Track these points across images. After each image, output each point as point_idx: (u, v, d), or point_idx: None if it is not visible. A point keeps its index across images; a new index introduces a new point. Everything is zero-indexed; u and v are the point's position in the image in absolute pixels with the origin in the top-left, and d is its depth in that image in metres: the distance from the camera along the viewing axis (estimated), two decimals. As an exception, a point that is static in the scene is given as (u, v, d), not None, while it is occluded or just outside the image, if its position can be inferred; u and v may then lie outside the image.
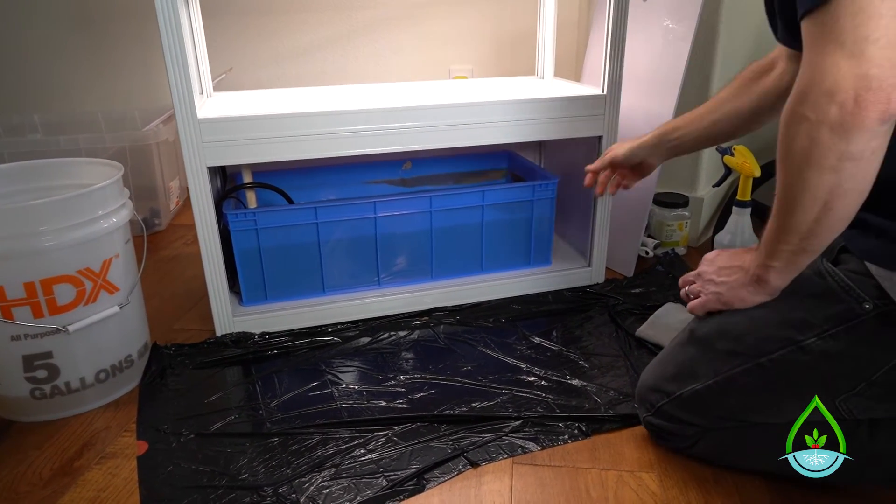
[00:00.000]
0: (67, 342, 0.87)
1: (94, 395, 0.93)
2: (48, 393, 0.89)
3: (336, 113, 1.00)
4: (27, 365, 0.86)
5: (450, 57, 1.86)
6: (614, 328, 1.09)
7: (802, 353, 0.65)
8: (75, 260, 0.86)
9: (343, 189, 1.33)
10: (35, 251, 0.82)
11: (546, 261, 1.26)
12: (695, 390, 0.73)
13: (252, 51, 1.85)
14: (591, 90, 1.15)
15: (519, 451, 0.81)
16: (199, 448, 0.83)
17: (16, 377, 0.87)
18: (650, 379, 0.80)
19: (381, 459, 0.80)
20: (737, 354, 0.70)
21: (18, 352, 0.85)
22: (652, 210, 1.37)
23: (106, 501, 0.74)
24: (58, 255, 0.84)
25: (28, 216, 0.82)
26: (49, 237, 0.82)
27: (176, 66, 0.91)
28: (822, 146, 0.53)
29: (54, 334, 0.86)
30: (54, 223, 0.83)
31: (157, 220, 1.65)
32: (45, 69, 1.88)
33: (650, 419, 0.80)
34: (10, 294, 0.82)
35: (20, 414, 0.90)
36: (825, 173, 0.54)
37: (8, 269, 0.82)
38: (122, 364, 0.95)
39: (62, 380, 0.89)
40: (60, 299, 0.85)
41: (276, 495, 0.74)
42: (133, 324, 0.98)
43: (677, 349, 0.79)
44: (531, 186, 1.19)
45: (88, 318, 0.88)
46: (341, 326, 1.12)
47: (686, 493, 0.74)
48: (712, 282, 0.74)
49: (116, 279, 0.92)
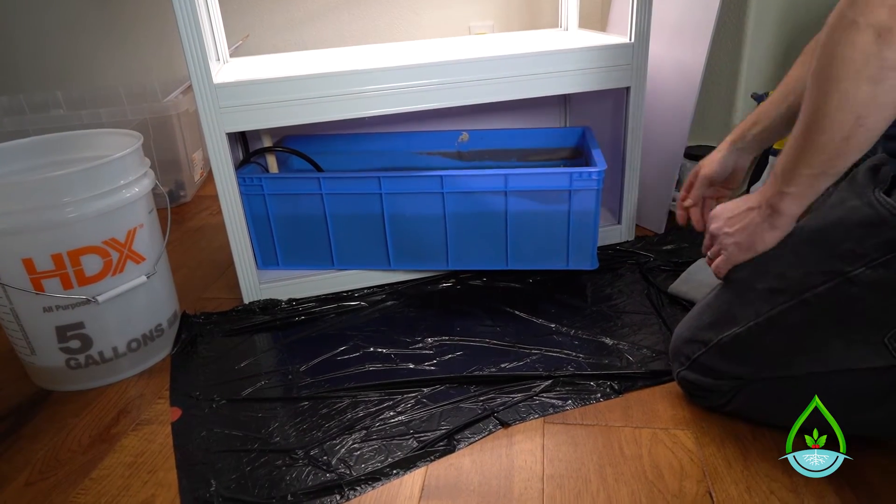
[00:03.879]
0: (98, 312, 0.88)
1: (128, 363, 0.94)
2: (83, 363, 0.90)
3: (353, 73, 0.98)
4: (60, 336, 0.88)
5: (469, 14, 1.81)
6: (646, 286, 1.07)
7: (851, 284, 0.62)
8: (100, 230, 0.86)
9: (391, 158, 1.27)
10: (60, 223, 0.82)
11: (590, 262, 1.07)
12: (735, 334, 0.70)
13: (268, 16, 1.83)
14: (617, 39, 1.10)
15: (550, 411, 0.80)
16: (231, 413, 0.83)
17: (51, 348, 0.88)
18: (685, 331, 0.78)
19: (410, 421, 0.79)
20: (779, 292, 0.67)
21: (51, 323, 0.87)
22: (683, 164, 1.32)
23: (143, 466, 0.76)
24: (83, 226, 0.84)
25: (51, 188, 0.81)
26: (72, 208, 0.82)
27: (189, 31, 0.89)
28: (866, 53, 0.52)
29: (84, 305, 0.87)
30: (77, 193, 0.83)
31: (183, 192, 1.66)
32: (66, 46, 1.89)
33: (685, 374, 0.77)
34: (40, 266, 0.83)
35: (59, 383, 0.92)
36: (863, 84, 0.53)
37: (35, 242, 0.82)
38: (153, 333, 0.96)
39: (95, 349, 0.90)
40: (88, 270, 0.86)
41: (308, 457, 0.74)
42: (161, 293, 0.98)
43: (713, 297, 0.76)
44: (568, 174, 1.01)
45: (117, 289, 0.89)
46: (367, 291, 1.11)
47: (723, 449, 0.72)
48: (727, 234, 0.71)
49: (142, 249, 0.92)
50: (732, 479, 0.68)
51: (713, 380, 0.74)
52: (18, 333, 0.88)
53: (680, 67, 1.17)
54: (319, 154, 1.22)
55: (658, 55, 1.19)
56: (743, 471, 0.69)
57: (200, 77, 0.92)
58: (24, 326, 0.87)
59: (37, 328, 0.87)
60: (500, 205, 1.04)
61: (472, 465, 0.73)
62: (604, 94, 1.15)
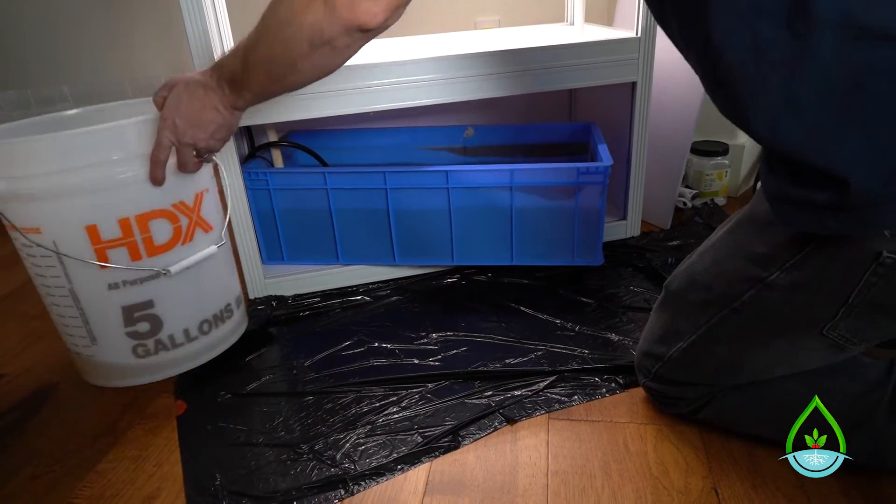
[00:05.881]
0: (168, 288, 0.79)
1: (200, 349, 0.84)
2: (152, 349, 0.81)
3: (359, 67, 0.98)
4: (127, 317, 0.78)
5: (475, 8, 1.80)
6: (651, 281, 1.06)
7: (771, 290, 0.61)
8: (169, 191, 0.77)
9: (396, 153, 1.26)
10: (128, 181, 0.73)
11: (595, 258, 1.08)
12: (682, 349, 0.70)
13: (274, 11, 1.82)
14: (624, 33, 1.09)
15: (555, 407, 0.80)
16: (235, 407, 0.84)
17: (116, 333, 0.79)
18: (643, 344, 0.77)
19: (415, 416, 0.79)
20: (711, 303, 0.66)
21: (117, 302, 0.77)
22: (690, 159, 1.31)
23: (148, 459, 0.76)
24: (148, 186, 0.75)
25: (117, 139, 0.73)
26: (140, 164, 0.74)
27: (195, 27, 0.89)
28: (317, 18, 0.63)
29: (154, 279, 0.77)
30: (146, 146, 0.74)
31: (189, 186, 1.66)
32: (73, 41, 1.89)
33: (649, 384, 0.76)
34: (105, 234, 0.74)
35: (123, 377, 0.83)
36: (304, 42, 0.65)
37: (100, 204, 0.73)
38: (223, 313, 0.87)
39: (166, 332, 0.80)
40: (157, 238, 0.77)
41: (313, 452, 0.74)
42: (228, 268, 0.90)
43: (659, 309, 0.75)
44: (574, 169, 1.01)
45: (188, 259, 0.79)
46: (372, 286, 1.11)
47: (728, 445, 0.72)
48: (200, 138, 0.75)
49: (209, 216, 0.83)
50: (738, 475, 0.68)
51: (677, 389, 0.73)
52: (77, 320, 0.78)
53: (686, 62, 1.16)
54: (324, 149, 1.22)
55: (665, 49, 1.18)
56: (749, 467, 0.69)
57: (206, 71, 0.92)
58: (85, 309, 0.78)
59: (100, 310, 0.77)
60: (506, 200, 1.04)
61: (476, 460, 0.73)
62: (610, 88, 1.14)
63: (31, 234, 0.74)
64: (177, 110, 0.73)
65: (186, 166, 0.77)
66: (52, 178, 0.71)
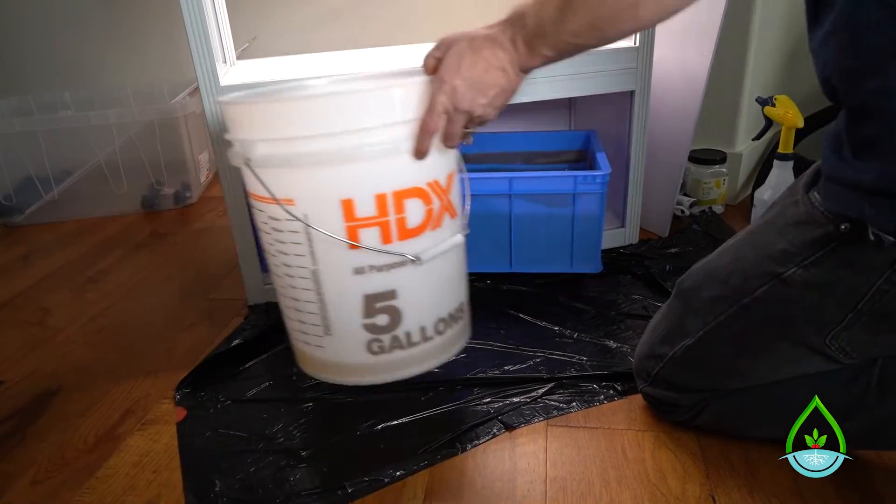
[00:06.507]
0: (413, 278, 0.69)
1: (431, 350, 0.74)
2: (387, 346, 0.71)
3: (359, 76, 0.98)
4: (368, 308, 0.69)
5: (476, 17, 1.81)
6: (650, 289, 1.07)
7: (786, 286, 0.61)
8: (426, 168, 0.67)
9: None
10: (387, 152, 0.64)
11: (594, 265, 1.08)
12: (686, 346, 0.69)
13: (275, 19, 1.83)
14: (622, 43, 1.10)
15: (554, 413, 0.80)
16: (235, 414, 0.84)
17: (353, 325, 0.70)
18: (644, 346, 0.76)
19: (414, 423, 0.80)
20: (723, 299, 0.66)
21: (361, 289, 0.68)
22: (688, 167, 1.32)
23: (148, 466, 0.76)
24: (409, 159, 0.65)
25: (382, 103, 0.64)
26: (404, 130, 0.64)
27: (196, 34, 0.90)
28: None
29: (401, 266, 0.67)
30: (410, 113, 0.64)
31: (189, 193, 1.67)
32: (74, 47, 1.90)
33: (647, 390, 0.76)
34: (360, 210, 0.65)
35: (352, 374, 0.74)
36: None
37: (358, 177, 0.64)
38: (456, 313, 0.76)
39: (403, 329, 0.71)
40: (410, 219, 0.67)
41: (312, 458, 0.75)
42: (463, 262, 0.78)
43: (665, 309, 0.75)
44: (572, 177, 1.01)
45: (437, 247, 0.69)
46: (372, 293, 1.12)
47: (726, 452, 0.72)
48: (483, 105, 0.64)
49: (455, 200, 0.73)
50: (735, 482, 0.68)
51: (675, 394, 0.73)
52: (313, 306, 0.70)
53: (685, 71, 1.17)
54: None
55: (663, 58, 1.19)
56: (746, 474, 0.69)
57: (207, 79, 0.93)
58: (325, 294, 0.69)
59: (342, 297, 0.69)
60: (505, 208, 1.04)
61: (475, 467, 0.73)
62: (609, 97, 1.15)
63: (287, 206, 0.65)
64: (456, 71, 0.62)
65: (453, 138, 0.65)
66: (311, 143, 0.63)
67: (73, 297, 1.21)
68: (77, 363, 0.99)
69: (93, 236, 1.51)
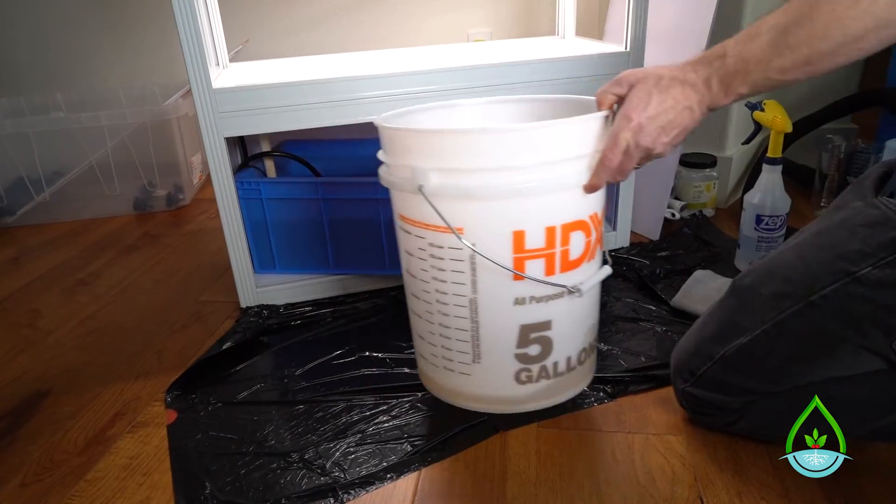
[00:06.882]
0: (567, 309, 0.71)
1: (572, 380, 0.76)
2: (535, 375, 0.73)
3: (352, 79, 0.99)
4: (522, 338, 0.71)
5: (468, 21, 1.82)
6: (640, 293, 1.07)
7: (858, 284, 0.60)
8: (591, 200, 0.68)
9: None
10: (563, 185, 0.66)
11: None
12: (741, 344, 0.67)
13: (269, 22, 1.84)
14: (612, 47, 1.11)
15: (544, 416, 0.80)
16: (226, 416, 0.84)
17: (505, 354, 0.72)
18: (689, 343, 0.73)
19: (405, 425, 0.80)
20: (786, 296, 0.64)
21: (518, 320, 0.70)
22: (678, 171, 1.33)
23: (138, 468, 0.76)
24: (579, 193, 0.67)
25: (563, 138, 0.65)
26: (584, 164, 0.66)
27: (189, 36, 0.90)
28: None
29: (558, 298, 0.69)
30: (586, 147, 0.66)
31: (181, 195, 1.67)
32: (67, 48, 1.90)
33: (689, 389, 0.72)
34: (530, 242, 0.66)
35: (495, 402, 0.76)
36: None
37: (533, 209, 0.66)
38: (594, 343, 0.79)
39: (552, 359, 0.73)
40: (573, 252, 0.69)
41: (303, 461, 0.75)
42: (599, 294, 0.79)
43: (717, 307, 0.72)
44: None
45: (593, 278, 0.71)
46: (363, 295, 1.12)
47: (715, 454, 0.73)
48: (664, 144, 0.65)
49: (602, 230, 0.75)
50: (724, 484, 0.69)
51: (722, 395, 0.71)
52: (464, 334, 0.72)
53: (675, 76, 1.18)
54: (317, 159, 1.23)
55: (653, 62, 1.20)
56: (734, 476, 0.69)
57: (200, 82, 0.93)
58: (481, 323, 0.71)
59: (498, 326, 0.70)
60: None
61: (465, 469, 0.73)
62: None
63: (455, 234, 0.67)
64: (644, 110, 0.64)
65: (626, 173, 0.67)
66: (491, 175, 0.65)
67: (63, 298, 1.21)
68: (67, 365, 0.99)
69: (84, 238, 1.50)
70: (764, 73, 0.60)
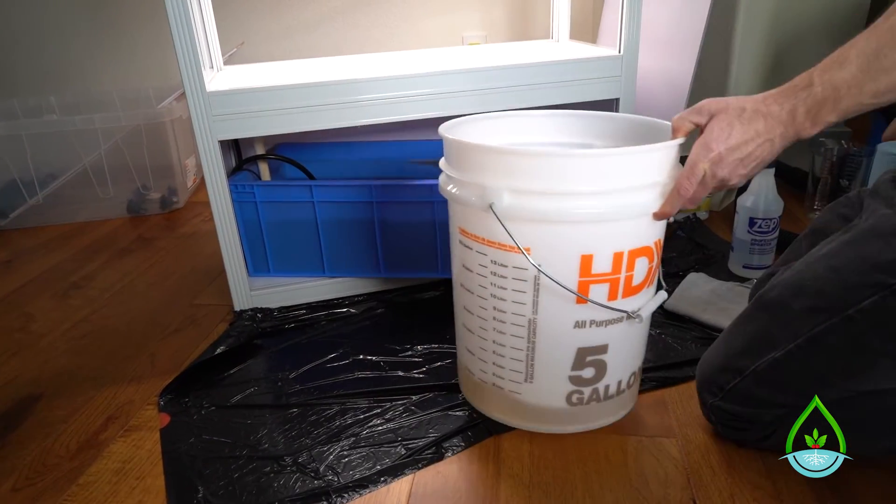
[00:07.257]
0: (623, 333, 0.71)
1: (621, 403, 0.77)
2: (585, 398, 0.74)
3: (347, 82, 0.99)
4: (578, 360, 0.71)
5: (463, 24, 1.83)
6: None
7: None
8: (656, 227, 0.68)
9: (383, 167, 1.26)
10: (635, 212, 0.65)
11: None
12: (773, 359, 0.65)
13: (263, 24, 1.84)
14: (605, 51, 1.11)
15: (537, 419, 0.80)
16: (219, 420, 0.84)
17: (559, 376, 0.72)
18: (717, 358, 0.71)
19: (399, 428, 0.80)
20: (820, 310, 0.62)
21: (576, 343, 0.70)
22: (672, 174, 1.33)
23: (130, 472, 0.76)
24: (649, 219, 0.66)
25: (640, 164, 0.65)
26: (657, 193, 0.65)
27: (183, 39, 0.90)
28: None
29: (617, 322, 0.70)
30: (658, 174, 0.65)
31: (175, 197, 1.66)
32: (61, 51, 1.89)
33: (718, 404, 0.71)
34: (597, 266, 0.66)
35: (546, 421, 0.77)
36: None
37: (605, 234, 0.65)
38: (642, 366, 0.80)
39: (604, 382, 0.73)
40: (637, 277, 0.69)
41: (297, 464, 0.75)
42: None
43: (744, 320, 0.71)
44: None
45: (650, 304, 0.71)
46: (358, 298, 1.12)
47: (708, 457, 0.73)
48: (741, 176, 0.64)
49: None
50: (716, 486, 0.69)
51: (753, 409, 0.69)
52: (519, 353, 0.72)
53: (668, 79, 1.19)
54: (312, 162, 1.23)
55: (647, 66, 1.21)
56: (727, 479, 0.70)
57: (193, 85, 0.93)
58: (538, 343, 0.71)
59: (555, 347, 0.71)
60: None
61: (459, 472, 0.73)
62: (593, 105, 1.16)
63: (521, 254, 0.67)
64: (725, 141, 0.63)
65: (697, 202, 0.67)
66: (565, 199, 0.64)
67: (56, 302, 1.20)
68: (60, 369, 0.98)
69: (78, 241, 1.50)
70: (856, 98, 0.58)
